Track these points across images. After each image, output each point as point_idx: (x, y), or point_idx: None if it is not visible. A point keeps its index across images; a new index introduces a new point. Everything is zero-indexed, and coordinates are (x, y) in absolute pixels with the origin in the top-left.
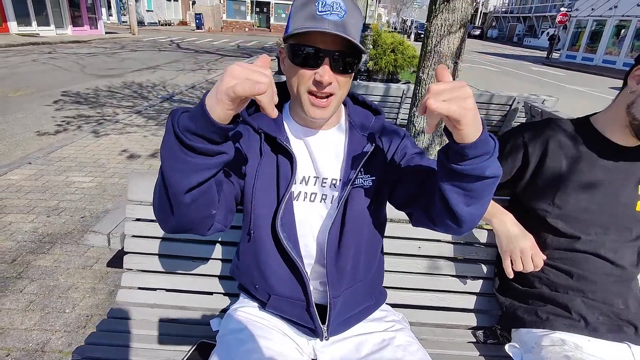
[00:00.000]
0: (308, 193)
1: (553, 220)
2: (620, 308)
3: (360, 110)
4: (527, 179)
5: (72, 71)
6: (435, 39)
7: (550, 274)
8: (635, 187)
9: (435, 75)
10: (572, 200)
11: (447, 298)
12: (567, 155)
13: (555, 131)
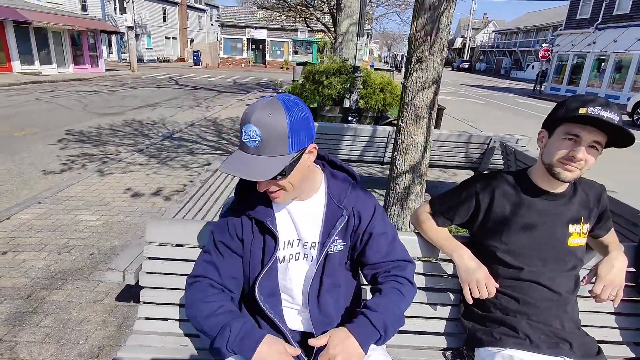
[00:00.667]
0: (293, 254)
1: (501, 255)
2: (557, 328)
3: (338, 177)
4: (479, 220)
5: (75, 110)
6: (411, 94)
7: (502, 299)
8: (566, 226)
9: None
10: (515, 238)
11: (420, 323)
12: (510, 202)
13: (500, 182)
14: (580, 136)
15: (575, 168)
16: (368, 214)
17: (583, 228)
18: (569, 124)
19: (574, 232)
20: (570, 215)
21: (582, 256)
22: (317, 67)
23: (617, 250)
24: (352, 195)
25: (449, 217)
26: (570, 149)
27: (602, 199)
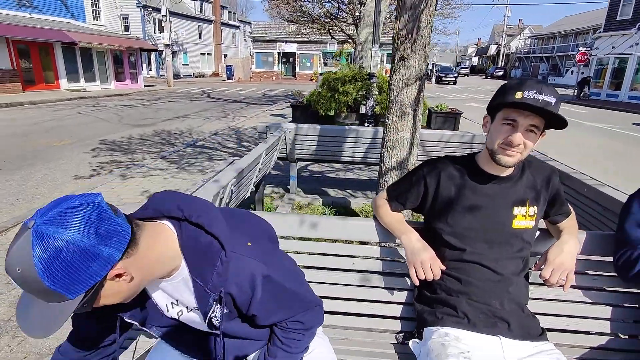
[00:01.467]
0: (182, 310)
1: (447, 237)
2: (497, 308)
3: (200, 248)
4: (429, 204)
5: (111, 122)
6: (395, 91)
7: (447, 281)
8: (510, 209)
9: None
10: (459, 220)
11: (377, 307)
12: (455, 185)
13: (446, 165)
14: (517, 121)
15: (515, 152)
16: (242, 298)
17: (529, 210)
18: (506, 109)
19: (519, 215)
20: (515, 197)
21: (530, 239)
22: (332, 75)
23: (568, 235)
24: (221, 273)
25: (402, 201)
26: (509, 134)
27: (552, 182)
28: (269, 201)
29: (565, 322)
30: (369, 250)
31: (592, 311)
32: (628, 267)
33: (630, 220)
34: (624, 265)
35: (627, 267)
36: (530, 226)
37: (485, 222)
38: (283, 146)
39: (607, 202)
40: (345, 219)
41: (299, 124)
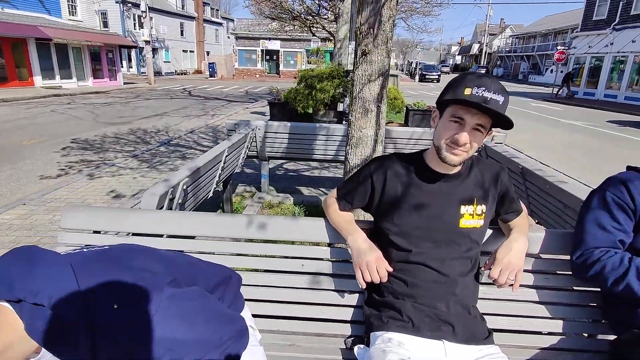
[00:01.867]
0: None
1: (393, 237)
2: (442, 310)
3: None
4: (375, 202)
5: (86, 120)
6: (358, 87)
7: (393, 283)
8: (457, 207)
9: None
10: (406, 219)
11: (326, 310)
12: (401, 183)
13: (392, 163)
14: (465, 119)
15: (460, 152)
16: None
17: (477, 209)
18: (455, 105)
19: (466, 214)
20: (463, 195)
21: (478, 239)
22: (310, 72)
23: (517, 233)
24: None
25: (349, 200)
26: (455, 132)
27: (501, 180)
28: (239, 200)
29: (517, 323)
30: (320, 251)
31: (545, 311)
32: (585, 269)
33: (589, 217)
34: (581, 266)
35: (584, 269)
36: (478, 225)
37: (432, 221)
38: (253, 144)
39: (568, 200)
40: (296, 219)
41: (269, 121)
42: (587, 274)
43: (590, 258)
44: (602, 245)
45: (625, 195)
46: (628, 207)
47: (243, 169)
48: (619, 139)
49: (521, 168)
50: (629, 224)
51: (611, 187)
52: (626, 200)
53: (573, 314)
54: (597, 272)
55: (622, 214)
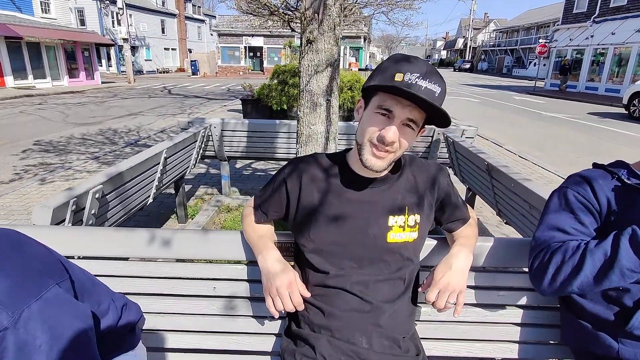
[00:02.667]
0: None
1: (309, 255)
2: (363, 347)
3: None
4: (292, 214)
5: (54, 121)
6: (305, 79)
7: (310, 312)
8: (385, 218)
9: None
10: (323, 234)
11: (244, 340)
12: (318, 189)
13: (310, 165)
14: (393, 112)
15: (385, 154)
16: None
17: (408, 220)
18: (382, 94)
19: (395, 226)
20: (392, 204)
21: (412, 255)
22: (282, 67)
23: (459, 247)
24: None
25: (264, 210)
26: (382, 127)
27: (439, 183)
28: (198, 204)
29: (465, 348)
30: (235, 270)
31: (497, 333)
32: (541, 274)
33: (548, 219)
34: (537, 272)
35: (541, 274)
36: (410, 239)
37: (353, 236)
38: (210, 143)
39: (532, 199)
40: (206, 232)
41: (226, 119)
42: (544, 281)
43: (544, 259)
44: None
45: (589, 194)
46: (592, 207)
47: (208, 169)
48: (600, 130)
49: (487, 164)
50: (593, 226)
51: (573, 185)
52: (590, 199)
53: (531, 336)
54: (556, 268)
55: (585, 215)
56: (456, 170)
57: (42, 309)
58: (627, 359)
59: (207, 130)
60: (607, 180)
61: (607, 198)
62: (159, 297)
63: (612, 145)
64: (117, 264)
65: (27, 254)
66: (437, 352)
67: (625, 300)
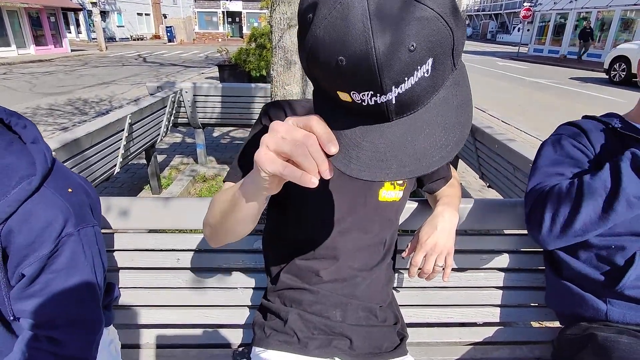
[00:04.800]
0: None
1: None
2: (336, 320)
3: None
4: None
5: (20, 91)
6: (277, 34)
7: (286, 281)
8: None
9: None
10: (306, 194)
11: (213, 313)
12: None
13: (291, 113)
14: None
15: None
16: (23, 243)
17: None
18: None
19: (387, 183)
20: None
21: (394, 216)
22: (260, 30)
23: (443, 206)
24: (11, 202)
25: (244, 171)
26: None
27: None
28: (172, 174)
29: (445, 314)
30: (200, 240)
31: (479, 297)
32: (538, 221)
33: (540, 166)
34: (533, 220)
35: (538, 221)
36: (397, 198)
37: (340, 196)
38: (182, 109)
39: (517, 160)
40: (167, 200)
41: (198, 83)
42: (543, 225)
43: (540, 201)
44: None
45: (585, 141)
46: (590, 154)
47: (184, 138)
48: (581, 95)
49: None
50: (589, 164)
51: (568, 133)
52: (587, 145)
53: (514, 299)
54: (553, 212)
55: (583, 160)
56: None
57: (93, 235)
58: (615, 320)
59: (177, 95)
60: (599, 131)
61: (602, 146)
62: (118, 271)
63: (593, 109)
64: None
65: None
66: (416, 319)
67: (617, 259)
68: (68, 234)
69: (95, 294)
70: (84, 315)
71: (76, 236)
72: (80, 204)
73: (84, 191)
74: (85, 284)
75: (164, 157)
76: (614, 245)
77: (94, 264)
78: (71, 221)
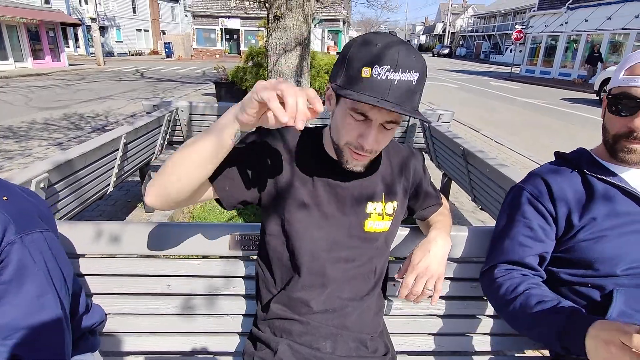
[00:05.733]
0: None
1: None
2: (326, 352)
3: None
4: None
5: (16, 105)
6: (273, 59)
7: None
8: (363, 205)
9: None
10: (295, 222)
11: (202, 341)
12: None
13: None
14: (369, 116)
15: (360, 159)
16: None
17: (386, 207)
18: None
19: (373, 213)
20: (370, 190)
21: (384, 246)
22: (257, 49)
23: (436, 231)
24: None
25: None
26: (359, 133)
27: (415, 169)
28: None
29: (436, 342)
30: (190, 267)
31: (471, 326)
32: (485, 288)
33: (502, 222)
34: (483, 284)
35: (484, 288)
36: (387, 228)
37: (328, 225)
38: (178, 128)
39: (507, 185)
40: (157, 225)
41: (194, 102)
42: (486, 293)
43: (492, 277)
44: (512, 261)
45: (543, 196)
46: (546, 211)
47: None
48: (572, 116)
49: (462, 149)
50: (548, 233)
51: (530, 186)
52: (544, 201)
53: (507, 328)
54: (493, 295)
55: (539, 219)
56: (432, 155)
57: (43, 241)
58: None
59: (173, 114)
60: (566, 174)
61: (565, 197)
62: (106, 297)
63: (584, 130)
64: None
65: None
66: (407, 348)
67: (596, 296)
68: (10, 242)
69: (53, 299)
70: (45, 321)
71: (19, 243)
72: (20, 211)
73: (25, 199)
74: (39, 290)
75: None
76: (590, 284)
77: (47, 269)
78: (11, 229)
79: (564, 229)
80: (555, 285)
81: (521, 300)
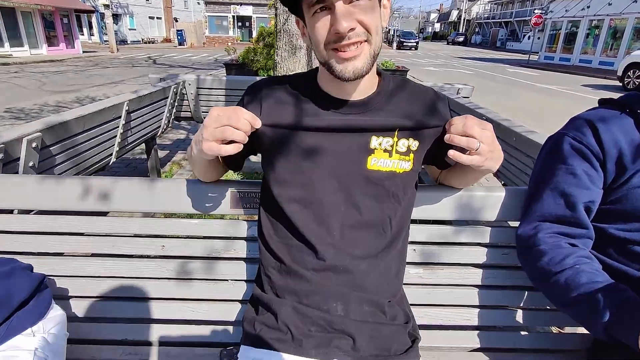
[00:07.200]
0: None
1: (277, 193)
2: (337, 315)
3: None
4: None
5: (29, 88)
6: (282, 17)
7: (273, 272)
8: (366, 138)
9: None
10: (284, 165)
11: (200, 308)
12: (286, 114)
13: (272, 88)
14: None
15: (352, 50)
16: None
17: (398, 144)
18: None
19: (378, 149)
20: (377, 123)
21: (400, 192)
22: (267, 29)
23: None
24: None
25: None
26: (330, 25)
27: (440, 112)
28: (173, 169)
29: (462, 315)
30: (189, 226)
31: (503, 298)
32: (522, 251)
33: (540, 174)
34: (522, 246)
35: (522, 251)
36: (400, 169)
37: (330, 166)
38: (185, 102)
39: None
40: (153, 181)
41: (202, 76)
42: (522, 259)
43: (533, 242)
44: (554, 217)
45: (588, 138)
46: (592, 154)
47: (188, 134)
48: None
49: (485, 119)
50: (594, 179)
51: (572, 130)
52: (589, 143)
53: (541, 301)
54: (531, 262)
55: (583, 164)
56: None
57: None
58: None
59: (179, 87)
60: (615, 116)
61: (616, 141)
62: (95, 258)
63: None
64: (42, 219)
65: None
66: (427, 321)
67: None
68: None
69: None
70: None
71: None
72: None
73: None
74: None
75: (166, 152)
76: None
77: None
78: None
79: (614, 173)
80: (602, 246)
81: (568, 275)
